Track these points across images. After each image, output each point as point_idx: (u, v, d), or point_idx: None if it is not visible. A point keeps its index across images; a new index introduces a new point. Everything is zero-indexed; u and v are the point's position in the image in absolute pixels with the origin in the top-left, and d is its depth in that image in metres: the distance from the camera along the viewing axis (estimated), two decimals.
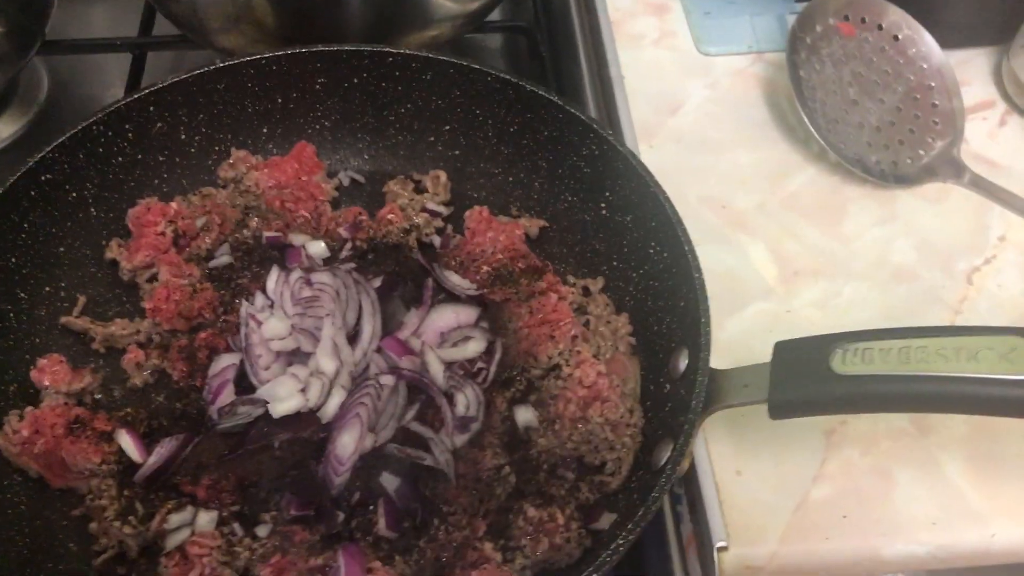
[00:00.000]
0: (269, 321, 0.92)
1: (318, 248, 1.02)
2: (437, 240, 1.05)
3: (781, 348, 0.81)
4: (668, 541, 0.91)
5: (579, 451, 0.89)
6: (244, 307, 0.94)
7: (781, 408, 0.79)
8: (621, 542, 0.74)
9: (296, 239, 1.03)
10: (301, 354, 0.91)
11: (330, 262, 1.02)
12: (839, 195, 1.15)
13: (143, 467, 0.87)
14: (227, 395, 0.90)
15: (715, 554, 0.86)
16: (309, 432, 0.87)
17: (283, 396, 0.87)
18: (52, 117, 1.32)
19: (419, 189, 1.10)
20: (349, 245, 1.03)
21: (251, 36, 1.16)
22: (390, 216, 1.04)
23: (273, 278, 0.96)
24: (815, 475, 0.92)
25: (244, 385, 0.92)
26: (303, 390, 0.88)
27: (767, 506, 0.90)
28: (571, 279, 1.02)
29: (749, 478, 0.91)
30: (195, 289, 0.98)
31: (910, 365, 0.74)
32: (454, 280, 0.98)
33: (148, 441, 0.89)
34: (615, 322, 0.97)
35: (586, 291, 1.02)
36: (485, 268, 1.00)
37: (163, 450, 0.87)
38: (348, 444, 0.84)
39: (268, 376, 0.90)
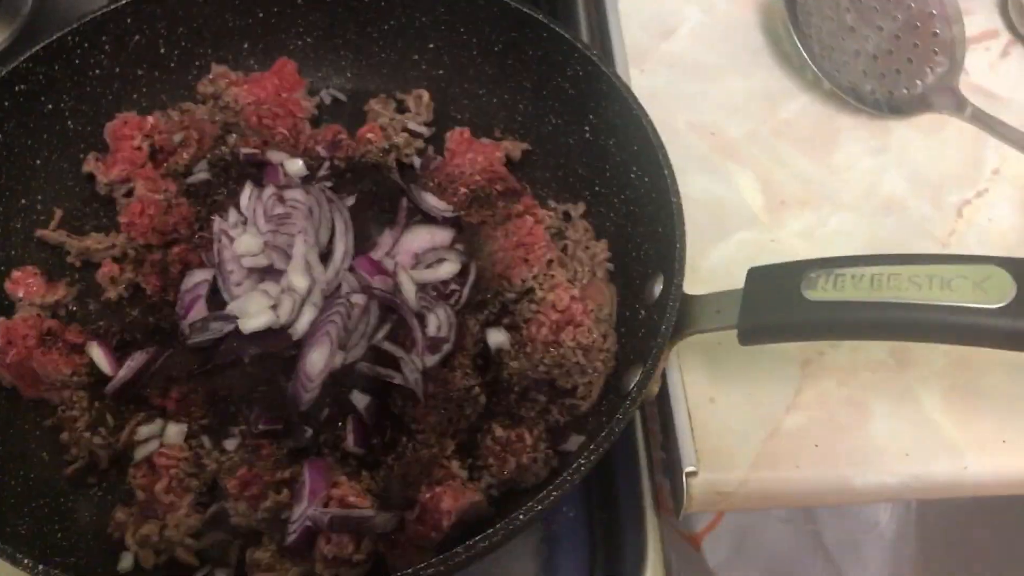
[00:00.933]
0: (242, 237, 0.91)
1: (296, 166, 1.01)
2: (417, 161, 1.04)
3: (754, 274, 0.79)
4: (639, 464, 0.91)
5: (551, 374, 0.88)
6: (217, 223, 0.93)
7: (750, 333, 0.78)
8: (583, 462, 0.73)
9: (274, 156, 1.02)
10: (273, 271, 0.91)
11: (308, 180, 1.01)
12: (831, 125, 1.12)
13: (113, 379, 0.87)
14: (199, 310, 0.90)
15: (684, 478, 0.86)
16: (279, 348, 0.87)
17: (253, 312, 0.86)
18: (38, 29, 1.29)
19: (401, 109, 1.08)
20: (327, 164, 1.02)
21: None
22: (370, 135, 1.03)
23: (246, 194, 0.95)
24: (789, 404, 0.92)
25: (217, 301, 0.91)
26: (274, 307, 0.87)
27: (739, 434, 0.89)
28: (552, 203, 1.01)
29: (722, 406, 0.91)
30: (170, 204, 0.97)
31: (881, 292, 0.73)
32: (430, 201, 0.97)
33: (120, 354, 0.89)
34: (593, 248, 0.96)
35: (567, 216, 1.00)
36: (463, 190, 0.99)
37: (133, 363, 0.87)
38: (317, 361, 0.84)
39: (240, 292, 0.89)
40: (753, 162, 1.09)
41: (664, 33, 1.21)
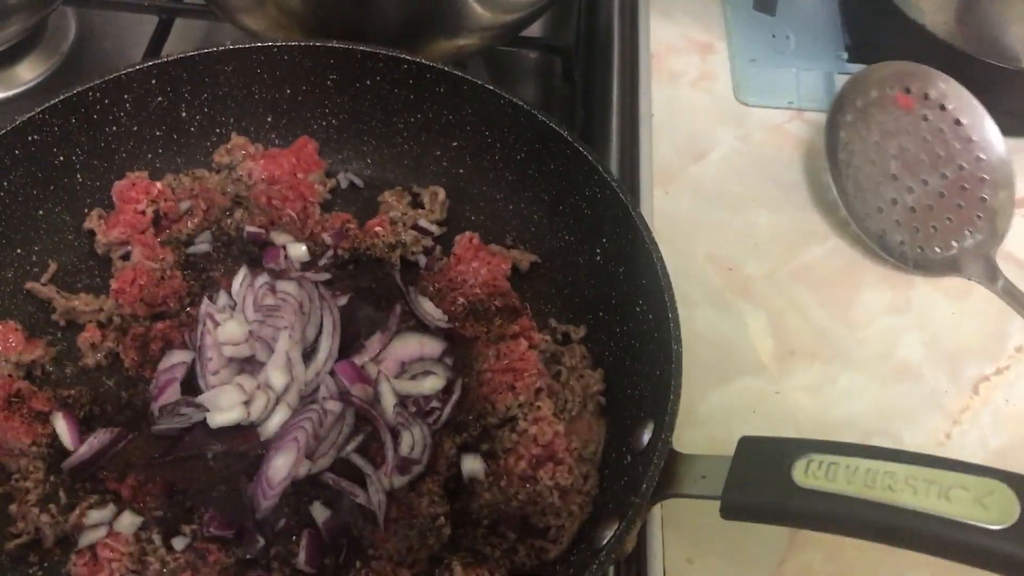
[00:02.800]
0: (227, 324, 0.88)
1: (298, 251, 0.98)
2: (423, 260, 1.01)
3: (745, 444, 0.75)
4: None
5: (524, 511, 0.84)
6: (204, 305, 0.90)
7: (732, 510, 0.73)
8: None
9: (278, 238, 1.00)
10: (254, 362, 0.88)
11: (309, 267, 0.98)
12: (854, 275, 1.08)
13: (72, 455, 0.84)
14: (171, 393, 0.87)
15: None
16: (246, 447, 0.83)
17: (224, 407, 0.83)
18: (74, 67, 1.30)
19: (415, 203, 1.06)
20: (331, 252, 0.99)
21: (274, 19, 1.12)
22: (378, 229, 1.00)
23: (239, 279, 0.92)
24: (770, 575, 0.87)
25: (192, 385, 0.88)
26: (247, 402, 0.84)
27: None
28: (553, 323, 0.98)
29: (700, 568, 0.87)
30: (163, 275, 0.95)
31: (875, 491, 0.68)
32: (426, 307, 0.94)
33: (85, 428, 0.86)
34: (588, 377, 0.92)
35: (566, 338, 0.97)
36: (461, 300, 0.95)
37: (95, 441, 0.84)
38: (281, 468, 0.81)
39: (216, 381, 0.86)
40: (767, 304, 1.05)
41: (695, 156, 1.18)
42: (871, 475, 0.69)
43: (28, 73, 1.28)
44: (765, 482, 0.72)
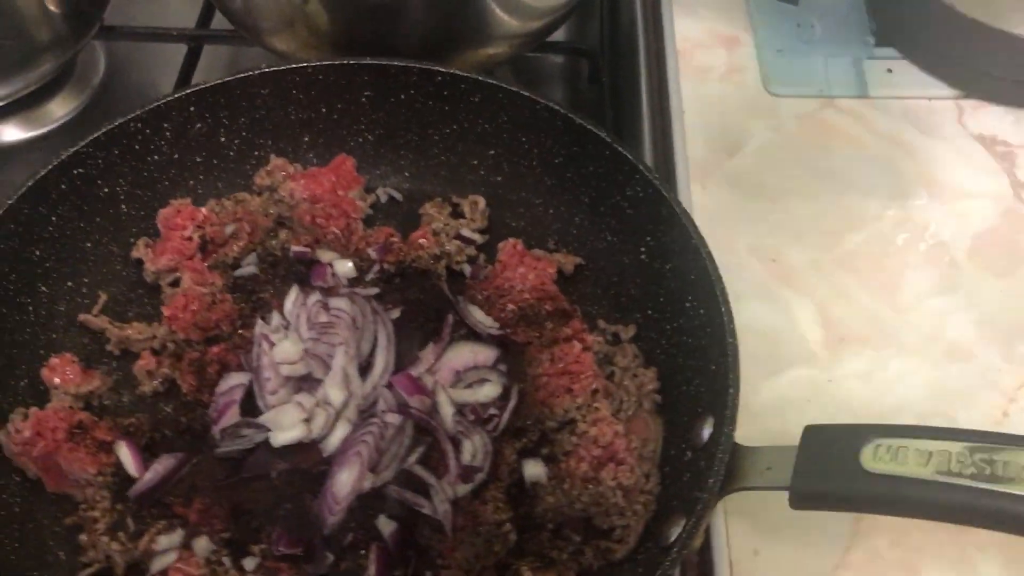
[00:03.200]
0: (282, 343, 0.89)
1: (345, 267, 0.99)
2: (468, 269, 1.01)
3: (810, 433, 0.75)
4: None
5: (588, 512, 0.84)
6: (259, 327, 0.91)
7: (803, 499, 0.73)
8: None
9: (324, 256, 1.00)
10: (312, 380, 0.89)
11: (356, 282, 0.99)
12: (898, 258, 1.07)
13: (138, 483, 0.84)
14: (231, 416, 0.87)
15: None
16: (309, 464, 0.84)
17: (286, 425, 0.84)
18: (106, 101, 1.32)
19: (456, 213, 1.06)
20: (377, 267, 1.00)
21: (304, 40, 1.13)
22: (422, 240, 1.01)
23: (291, 299, 0.93)
24: (837, 563, 0.86)
25: (251, 406, 0.89)
26: (307, 420, 0.85)
27: None
28: (601, 324, 0.98)
29: (767, 560, 0.86)
30: (214, 300, 0.96)
31: (947, 473, 0.68)
32: (477, 316, 0.94)
33: (148, 455, 0.87)
34: (642, 376, 0.92)
35: (616, 338, 0.97)
36: (511, 306, 0.96)
37: (160, 467, 0.85)
38: (345, 483, 0.81)
39: (275, 401, 0.87)
40: (814, 293, 1.05)
41: (729, 150, 1.18)
42: (941, 456, 0.69)
43: (60, 109, 1.29)
44: (834, 469, 0.72)
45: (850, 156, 1.16)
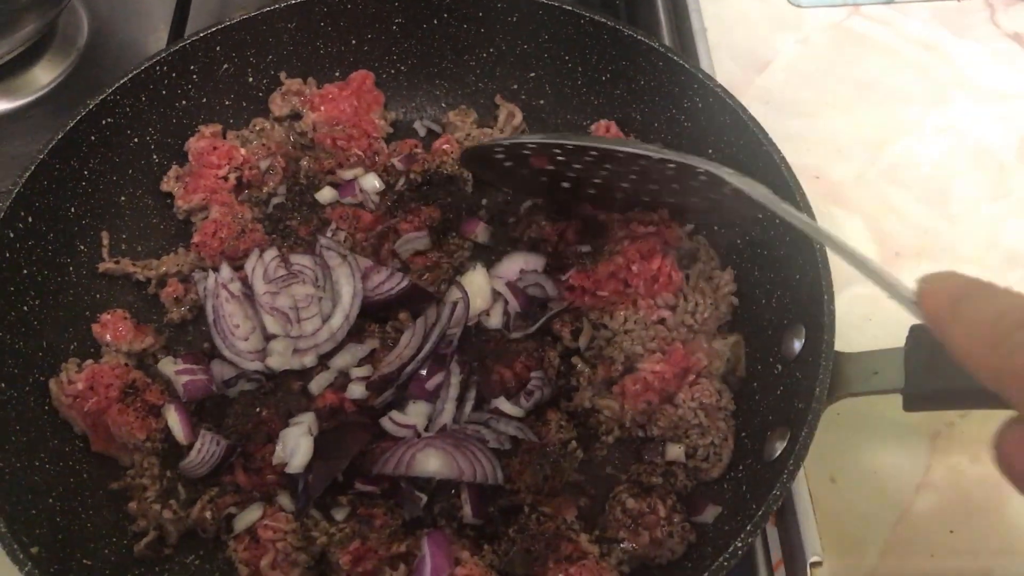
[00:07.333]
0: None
1: (371, 183, 0.97)
2: None
3: (918, 332, 0.72)
4: (755, 559, 0.83)
5: (665, 436, 0.82)
6: (210, 277, 0.89)
7: (919, 399, 0.70)
8: (740, 544, 0.66)
9: (347, 173, 0.98)
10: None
11: (385, 193, 0.97)
12: (944, 167, 1.04)
13: (187, 463, 0.80)
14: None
15: (808, 570, 0.79)
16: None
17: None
18: (92, 63, 1.20)
19: (481, 124, 1.02)
20: (403, 179, 0.97)
21: None
22: (445, 146, 0.98)
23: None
24: (919, 483, 0.84)
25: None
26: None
27: (865, 517, 0.82)
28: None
29: (844, 485, 0.83)
30: (244, 229, 0.92)
31: None
32: None
33: (196, 420, 0.84)
34: (718, 278, 0.90)
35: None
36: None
37: (204, 448, 0.81)
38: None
39: (246, 347, 0.85)
40: (862, 208, 1.01)
41: (758, 67, 1.13)
42: None
43: (46, 75, 1.19)
44: (948, 366, 0.69)
45: (883, 65, 1.12)
